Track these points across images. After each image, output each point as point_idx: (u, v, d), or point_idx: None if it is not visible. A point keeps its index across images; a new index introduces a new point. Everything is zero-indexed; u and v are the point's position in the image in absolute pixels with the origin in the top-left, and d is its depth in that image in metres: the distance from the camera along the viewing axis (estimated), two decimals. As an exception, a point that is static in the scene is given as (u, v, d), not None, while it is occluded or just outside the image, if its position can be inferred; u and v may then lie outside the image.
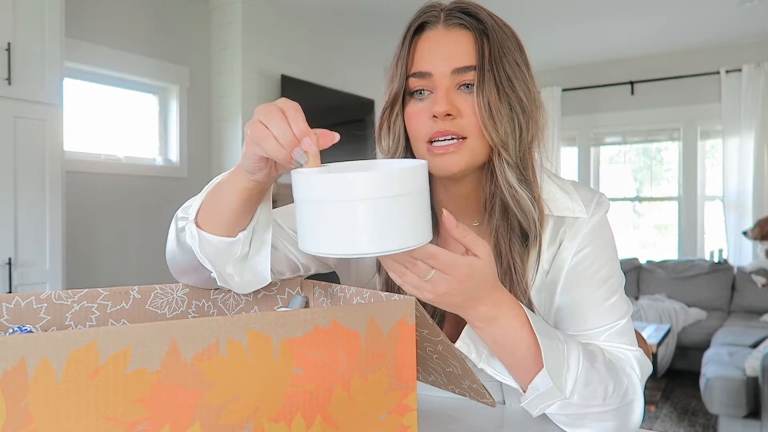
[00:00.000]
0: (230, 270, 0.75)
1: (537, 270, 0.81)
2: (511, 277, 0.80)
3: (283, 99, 0.64)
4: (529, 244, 0.80)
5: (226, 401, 0.51)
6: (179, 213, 0.78)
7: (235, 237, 0.73)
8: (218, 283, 0.74)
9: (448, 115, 0.76)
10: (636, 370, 0.80)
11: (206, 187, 0.77)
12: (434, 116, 0.76)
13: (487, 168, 0.81)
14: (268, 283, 0.79)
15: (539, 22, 4.13)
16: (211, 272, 0.73)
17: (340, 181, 0.54)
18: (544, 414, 0.74)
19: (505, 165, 0.78)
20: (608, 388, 0.74)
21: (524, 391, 0.73)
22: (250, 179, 0.68)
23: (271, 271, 0.79)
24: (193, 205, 0.75)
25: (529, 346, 0.70)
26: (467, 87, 0.77)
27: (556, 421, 0.75)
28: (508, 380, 0.74)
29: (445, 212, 0.64)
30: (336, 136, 0.62)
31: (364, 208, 0.53)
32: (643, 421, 0.80)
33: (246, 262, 0.76)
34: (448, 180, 0.83)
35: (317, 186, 0.55)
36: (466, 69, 0.77)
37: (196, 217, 0.74)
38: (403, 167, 0.56)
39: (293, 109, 0.62)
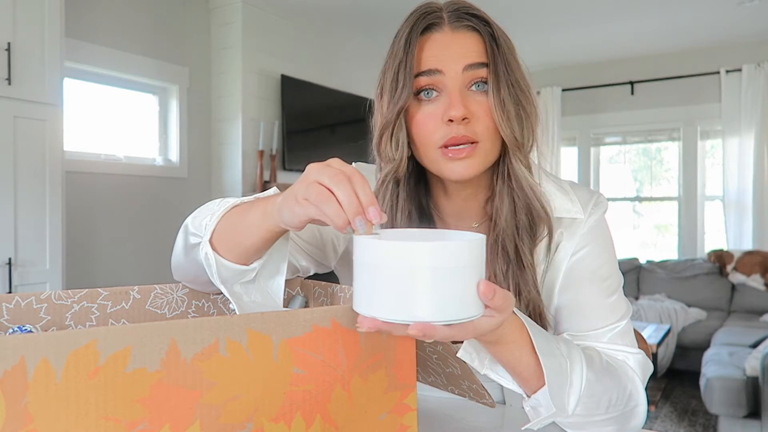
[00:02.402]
0: (238, 289, 0.73)
1: (549, 262, 0.81)
2: (522, 272, 0.79)
3: (339, 161, 0.60)
4: (536, 238, 0.80)
5: (225, 401, 0.51)
6: (190, 227, 0.75)
7: (249, 266, 0.71)
8: (231, 300, 0.71)
9: (465, 118, 0.74)
10: (638, 373, 0.79)
11: (219, 205, 0.74)
12: (450, 120, 0.75)
13: (496, 168, 0.81)
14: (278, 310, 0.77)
15: (540, 21, 4.13)
16: (223, 292, 0.71)
17: (412, 248, 0.52)
18: None
19: (520, 163, 0.78)
20: (612, 398, 0.74)
21: (528, 396, 0.72)
22: (283, 227, 0.65)
23: None
24: (206, 224, 0.72)
25: (529, 365, 0.68)
26: (479, 86, 0.76)
27: (559, 423, 0.75)
28: (512, 385, 0.73)
29: (482, 284, 0.56)
30: (384, 216, 0.58)
31: (431, 276, 0.52)
32: (645, 422, 0.80)
33: (255, 284, 0.74)
34: (450, 183, 0.83)
35: (394, 253, 0.53)
36: (479, 65, 0.76)
37: (210, 238, 0.71)
38: (470, 239, 0.55)
39: (359, 175, 0.58)
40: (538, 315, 0.80)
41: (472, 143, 0.76)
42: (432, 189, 0.88)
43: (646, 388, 0.80)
